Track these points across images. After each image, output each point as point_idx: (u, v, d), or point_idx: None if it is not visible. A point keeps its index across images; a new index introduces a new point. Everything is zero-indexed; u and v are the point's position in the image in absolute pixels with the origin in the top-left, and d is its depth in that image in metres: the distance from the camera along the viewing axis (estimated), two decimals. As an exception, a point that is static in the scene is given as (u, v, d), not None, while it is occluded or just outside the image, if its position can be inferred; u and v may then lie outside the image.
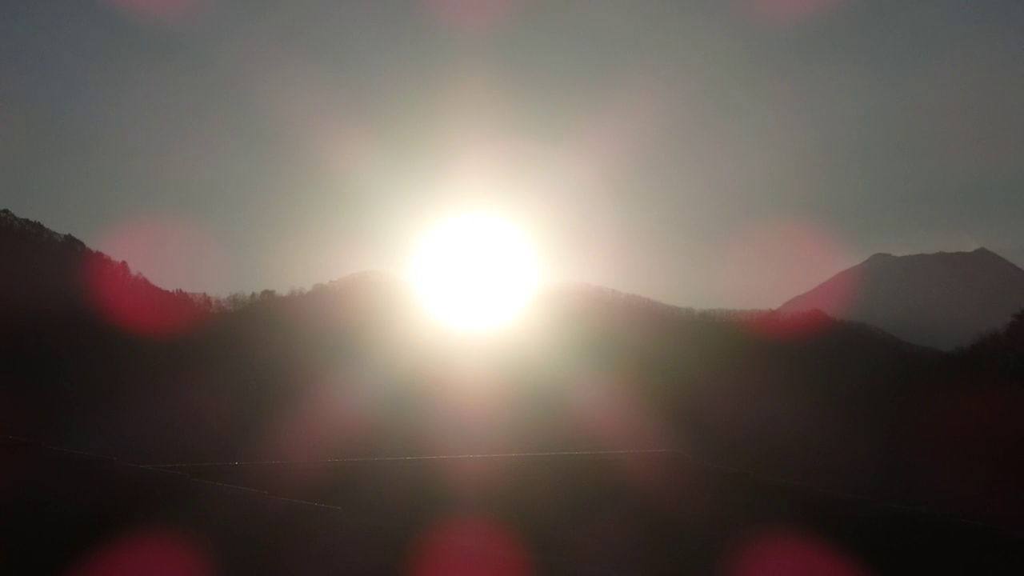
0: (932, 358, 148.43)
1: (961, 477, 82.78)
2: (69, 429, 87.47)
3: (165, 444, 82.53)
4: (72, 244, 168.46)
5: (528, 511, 14.38)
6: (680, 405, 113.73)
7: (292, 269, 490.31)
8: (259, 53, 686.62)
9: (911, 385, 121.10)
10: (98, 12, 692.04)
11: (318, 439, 79.33)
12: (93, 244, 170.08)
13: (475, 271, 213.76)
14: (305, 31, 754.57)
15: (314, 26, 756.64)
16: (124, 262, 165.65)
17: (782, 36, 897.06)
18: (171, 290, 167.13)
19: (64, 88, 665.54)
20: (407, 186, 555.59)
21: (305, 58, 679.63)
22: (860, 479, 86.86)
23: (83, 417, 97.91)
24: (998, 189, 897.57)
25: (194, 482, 11.90)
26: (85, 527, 10.89)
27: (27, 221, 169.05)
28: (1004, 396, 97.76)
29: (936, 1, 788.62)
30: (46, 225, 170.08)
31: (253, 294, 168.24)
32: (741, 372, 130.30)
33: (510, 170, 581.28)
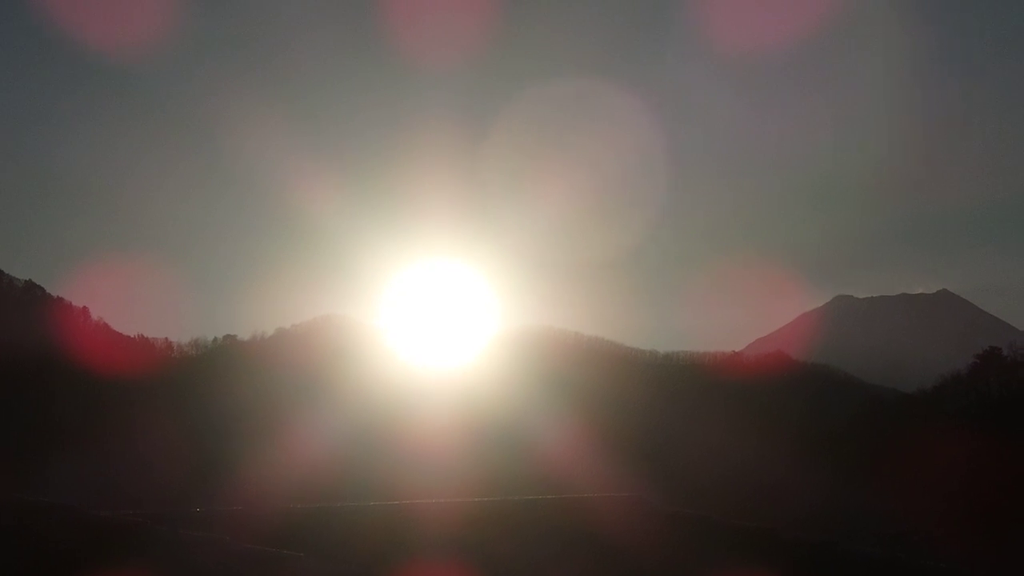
0: (894, 399, 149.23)
1: (924, 517, 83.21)
2: (29, 475, 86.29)
3: (126, 490, 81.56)
4: (32, 289, 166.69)
5: (493, 555, 14.31)
6: (644, 447, 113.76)
7: (254, 313, 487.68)
8: (218, 93, 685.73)
9: (874, 426, 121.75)
10: (55, 49, 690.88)
11: (281, 484, 78.71)
12: (54, 289, 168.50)
13: (438, 314, 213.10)
14: (269, 73, 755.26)
15: (278, 67, 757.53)
16: (85, 307, 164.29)
17: (742, 76, 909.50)
18: (132, 335, 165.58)
19: (20, 129, 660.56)
20: (369, 230, 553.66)
21: (267, 99, 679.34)
22: (823, 520, 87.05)
23: (43, 463, 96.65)
24: (959, 230, 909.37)
25: (155, 529, 11.80)
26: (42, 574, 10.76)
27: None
28: (966, 436, 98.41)
29: (897, 42, 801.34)
30: (5, 271, 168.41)
31: (215, 339, 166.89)
32: (704, 414, 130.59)
33: (473, 214, 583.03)
